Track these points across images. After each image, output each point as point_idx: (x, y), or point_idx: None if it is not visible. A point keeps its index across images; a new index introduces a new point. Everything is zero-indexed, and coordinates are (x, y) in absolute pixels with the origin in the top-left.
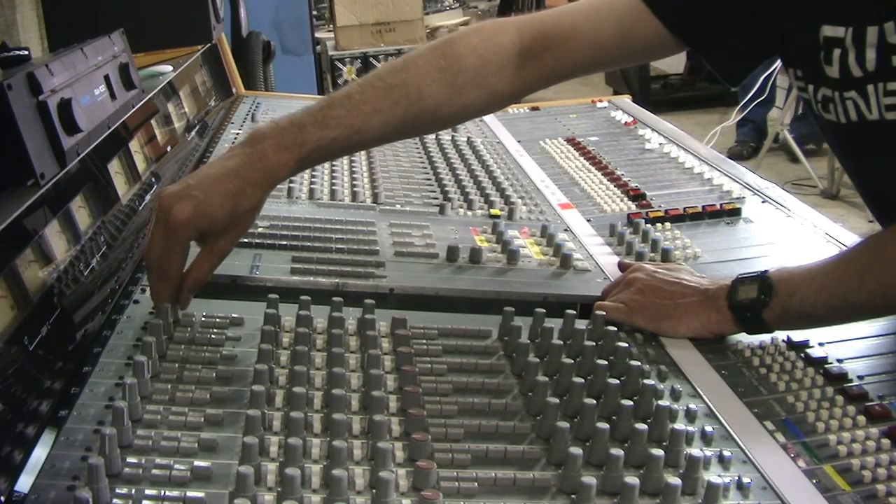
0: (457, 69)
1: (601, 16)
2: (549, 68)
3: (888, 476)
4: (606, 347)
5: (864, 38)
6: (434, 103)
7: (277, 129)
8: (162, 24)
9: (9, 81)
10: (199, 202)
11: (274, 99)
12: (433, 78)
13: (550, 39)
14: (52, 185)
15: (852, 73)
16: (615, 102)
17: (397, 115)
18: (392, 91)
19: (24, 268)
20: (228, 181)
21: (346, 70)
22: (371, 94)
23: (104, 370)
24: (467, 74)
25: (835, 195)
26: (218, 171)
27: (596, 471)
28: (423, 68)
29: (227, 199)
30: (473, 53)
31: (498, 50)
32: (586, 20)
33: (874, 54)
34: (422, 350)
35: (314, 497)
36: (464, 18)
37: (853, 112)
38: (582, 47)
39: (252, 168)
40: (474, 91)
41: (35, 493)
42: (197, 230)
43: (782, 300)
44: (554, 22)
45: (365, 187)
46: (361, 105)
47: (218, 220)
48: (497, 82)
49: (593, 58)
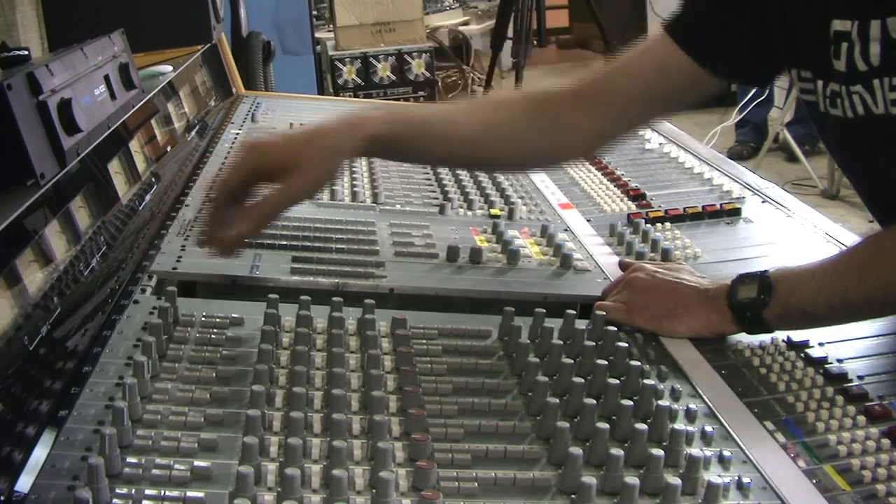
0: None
1: (637, 60)
2: (604, 113)
3: (888, 476)
4: (606, 347)
5: (868, 31)
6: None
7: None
8: (162, 24)
9: (9, 81)
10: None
11: (274, 99)
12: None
13: (591, 89)
14: (52, 185)
15: (858, 68)
16: None
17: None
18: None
19: (24, 268)
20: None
21: (346, 70)
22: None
23: (104, 370)
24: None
25: (835, 195)
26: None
27: (596, 471)
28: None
29: (309, 136)
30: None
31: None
32: (623, 68)
33: (878, 49)
34: (422, 350)
35: (314, 497)
36: (464, 18)
37: (860, 106)
38: (627, 89)
39: (340, 121)
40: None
41: (35, 493)
42: (278, 158)
43: (782, 299)
44: (590, 79)
45: (365, 187)
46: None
47: (296, 149)
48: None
49: (642, 105)
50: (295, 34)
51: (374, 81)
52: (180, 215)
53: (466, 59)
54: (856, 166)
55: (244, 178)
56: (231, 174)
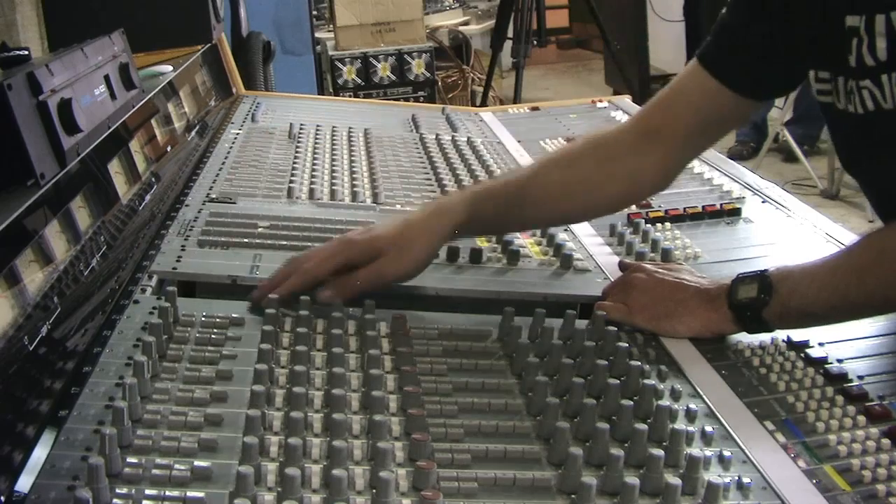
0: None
1: (682, 93)
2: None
3: (888, 476)
4: (606, 347)
5: (874, 26)
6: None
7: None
8: (162, 24)
9: (9, 81)
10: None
11: (274, 99)
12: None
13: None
14: (52, 185)
15: (866, 63)
16: (615, 102)
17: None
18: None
19: (24, 268)
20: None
21: (346, 70)
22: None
23: (104, 370)
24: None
25: (835, 195)
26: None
27: (596, 471)
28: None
29: (398, 226)
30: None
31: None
32: (671, 103)
33: (885, 43)
34: (422, 350)
35: (314, 497)
36: (464, 18)
37: (869, 102)
38: (681, 123)
39: (425, 211)
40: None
41: (35, 493)
42: (363, 248)
43: (782, 299)
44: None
45: (365, 187)
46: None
47: (386, 238)
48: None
49: (697, 135)
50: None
51: (374, 81)
52: (180, 215)
53: (466, 59)
54: (864, 164)
55: (331, 272)
56: (320, 266)
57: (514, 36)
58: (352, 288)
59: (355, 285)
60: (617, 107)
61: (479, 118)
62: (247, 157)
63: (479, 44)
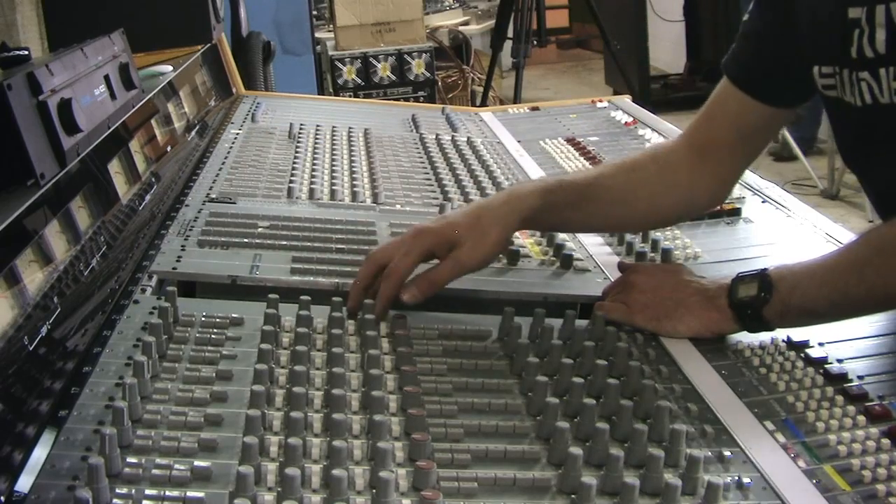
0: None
1: (721, 107)
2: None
3: (888, 476)
4: (606, 347)
5: (874, 17)
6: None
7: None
8: (162, 24)
9: (9, 81)
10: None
11: (274, 99)
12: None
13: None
14: (52, 185)
15: (866, 54)
16: (615, 102)
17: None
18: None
19: (24, 268)
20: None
21: (346, 70)
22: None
23: (104, 370)
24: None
25: (835, 195)
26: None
27: (596, 471)
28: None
29: (472, 213)
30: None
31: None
32: (713, 117)
33: (884, 35)
34: (422, 350)
35: (314, 497)
36: (464, 18)
37: (867, 94)
38: (725, 136)
39: (498, 198)
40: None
41: (35, 493)
42: (440, 237)
43: (783, 297)
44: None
45: (365, 187)
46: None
47: (463, 225)
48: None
49: (743, 146)
50: (295, 34)
51: (374, 81)
52: (180, 215)
53: (466, 59)
54: (863, 158)
55: (415, 265)
56: (404, 263)
57: (514, 36)
58: (434, 284)
59: (437, 281)
60: (617, 107)
61: (479, 118)
62: (247, 157)
63: (479, 44)
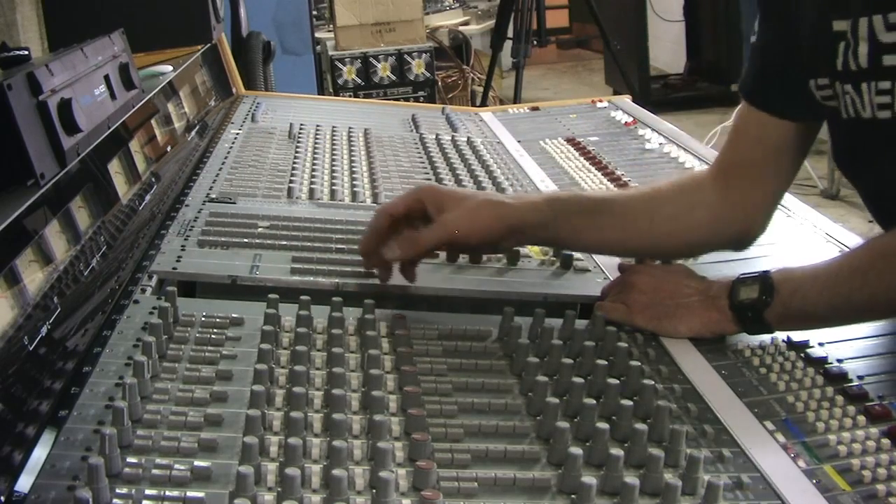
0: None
1: (745, 130)
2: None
3: (888, 476)
4: (606, 347)
5: (858, 30)
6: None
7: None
8: (162, 24)
9: (9, 81)
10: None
11: (274, 99)
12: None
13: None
14: (52, 185)
15: (850, 67)
16: (615, 102)
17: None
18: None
19: (24, 268)
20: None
21: (346, 70)
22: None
23: (104, 370)
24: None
25: (835, 195)
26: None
27: (596, 471)
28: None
29: (471, 192)
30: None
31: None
32: (738, 141)
33: (866, 48)
34: (422, 350)
35: (314, 497)
36: (464, 18)
37: (850, 108)
38: (751, 157)
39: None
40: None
41: (35, 493)
42: (434, 194)
43: (784, 300)
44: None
45: (365, 187)
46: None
47: (457, 194)
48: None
49: (775, 165)
50: (295, 34)
51: (374, 81)
52: (180, 215)
53: (466, 59)
54: (850, 167)
55: (409, 206)
56: (398, 201)
57: (514, 36)
58: (416, 244)
59: (420, 241)
60: (617, 107)
61: (479, 118)
62: (247, 157)
63: (479, 44)
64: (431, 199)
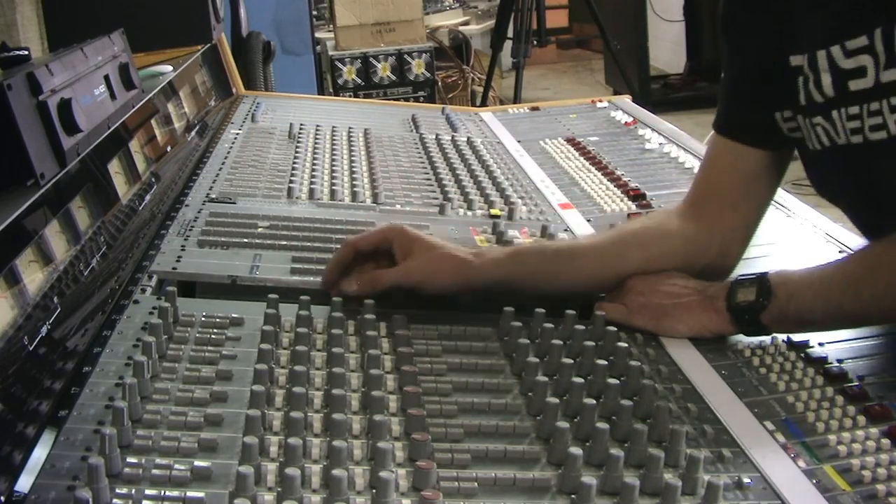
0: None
1: (718, 161)
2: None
3: (888, 476)
4: (606, 347)
5: (817, 63)
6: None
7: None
8: (162, 24)
9: (9, 81)
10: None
11: (274, 99)
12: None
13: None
14: (52, 185)
15: (814, 99)
16: (615, 102)
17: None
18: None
19: (24, 268)
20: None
21: (346, 70)
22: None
23: (104, 370)
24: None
25: None
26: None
27: (596, 471)
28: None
29: (442, 243)
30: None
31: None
32: (711, 172)
33: (829, 79)
34: (422, 350)
35: (314, 497)
36: (464, 18)
37: (824, 137)
38: (727, 187)
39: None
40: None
41: (35, 493)
42: (404, 237)
43: (780, 304)
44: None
45: (365, 187)
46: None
47: (425, 243)
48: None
49: (747, 196)
50: (295, 34)
51: (374, 81)
52: (180, 215)
53: (466, 59)
54: (829, 194)
55: (376, 244)
56: (368, 237)
57: (514, 36)
58: (374, 282)
59: (378, 279)
60: (617, 107)
61: (479, 118)
62: (247, 157)
63: (479, 44)
64: (399, 241)
